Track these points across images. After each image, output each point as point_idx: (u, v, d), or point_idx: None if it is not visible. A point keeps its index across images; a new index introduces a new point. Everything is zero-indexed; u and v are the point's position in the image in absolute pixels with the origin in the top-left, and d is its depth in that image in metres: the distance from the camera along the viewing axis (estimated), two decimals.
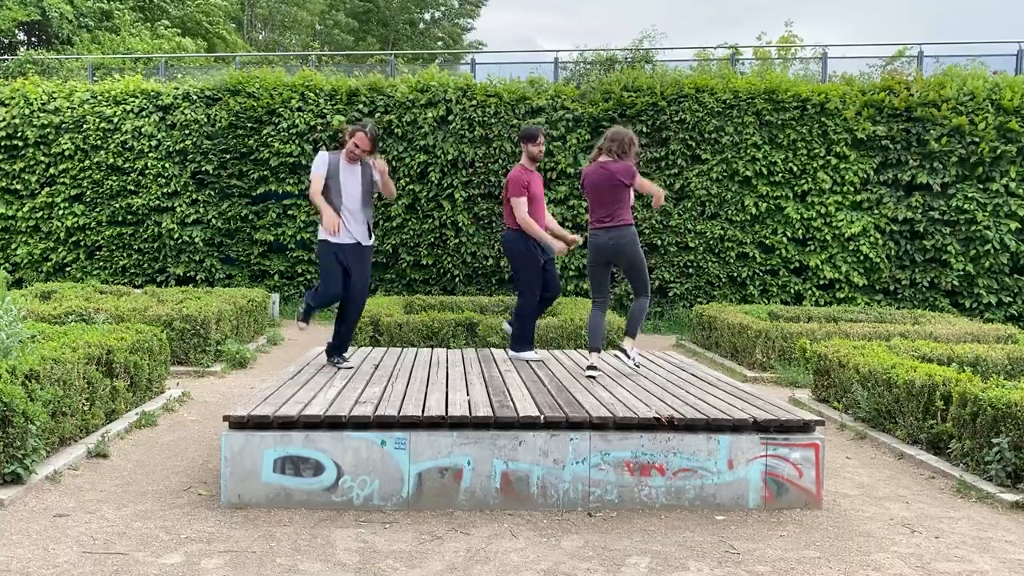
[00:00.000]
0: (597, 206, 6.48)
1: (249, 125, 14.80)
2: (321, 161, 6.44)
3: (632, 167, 6.46)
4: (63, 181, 15.09)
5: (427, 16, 39.50)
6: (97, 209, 15.08)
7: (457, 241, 14.59)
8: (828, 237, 14.08)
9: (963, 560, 4.29)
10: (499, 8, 58.81)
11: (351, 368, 6.51)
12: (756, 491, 4.98)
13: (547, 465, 4.89)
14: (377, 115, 14.67)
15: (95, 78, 16.93)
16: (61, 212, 15.04)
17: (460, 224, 14.57)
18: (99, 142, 15.00)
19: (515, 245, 6.91)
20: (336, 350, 6.71)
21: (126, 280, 15.05)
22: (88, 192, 15.06)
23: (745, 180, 14.23)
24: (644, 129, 14.22)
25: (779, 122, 14.12)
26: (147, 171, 14.95)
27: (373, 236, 6.76)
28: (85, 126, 15.03)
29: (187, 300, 10.67)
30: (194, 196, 14.94)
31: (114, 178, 15.02)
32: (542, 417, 4.90)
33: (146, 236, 15.02)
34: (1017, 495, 5.17)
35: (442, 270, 14.73)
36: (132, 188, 15.02)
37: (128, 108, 15.03)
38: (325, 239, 6.45)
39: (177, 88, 15.19)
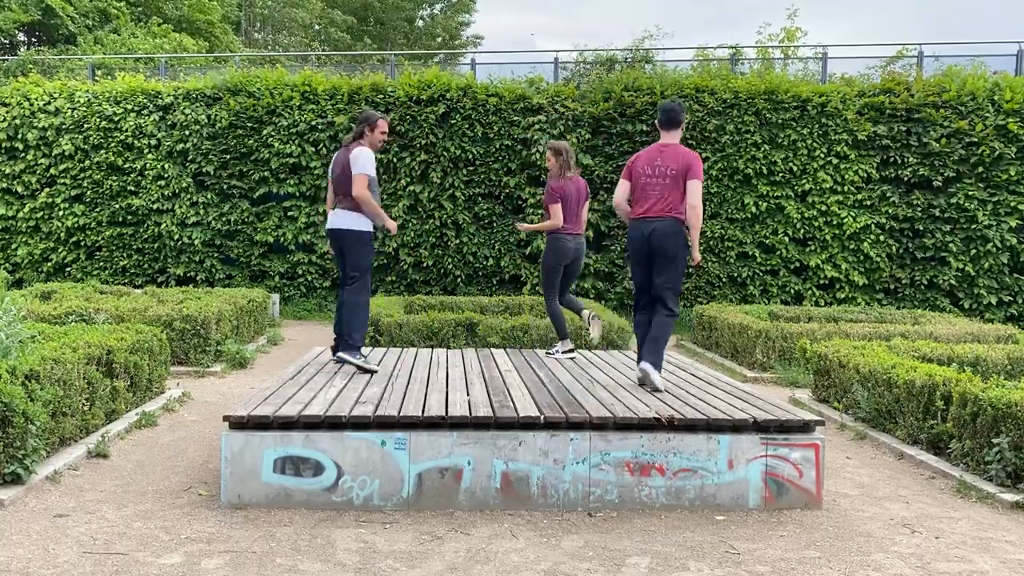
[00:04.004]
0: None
1: (249, 125, 14.80)
2: (371, 161, 6.41)
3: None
4: (63, 181, 15.09)
5: (424, 13, 39.45)
6: (97, 209, 15.09)
7: (458, 241, 14.59)
8: (828, 237, 14.08)
9: (963, 560, 4.29)
10: (497, 8, 58.74)
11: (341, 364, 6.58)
12: (756, 491, 4.98)
13: (547, 465, 4.89)
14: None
15: (96, 78, 16.93)
16: (61, 212, 15.05)
17: (461, 224, 14.57)
18: (99, 142, 15.00)
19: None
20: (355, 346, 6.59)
21: (126, 280, 15.05)
22: (88, 192, 15.07)
23: (745, 179, 14.23)
24: (644, 128, 14.23)
25: (779, 122, 14.12)
26: (147, 171, 14.96)
27: None
28: (86, 126, 15.03)
29: (187, 300, 10.67)
30: (194, 197, 14.94)
31: (114, 178, 15.02)
32: (542, 417, 4.90)
33: (146, 236, 15.03)
34: (1017, 495, 5.17)
35: (443, 270, 14.73)
36: (132, 189, 15.02)
37: (128, 108, 15.03)
38: (369, 231, 6.51)
39: (177, 88, 15.19)
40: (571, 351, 7.51)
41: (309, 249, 14.87)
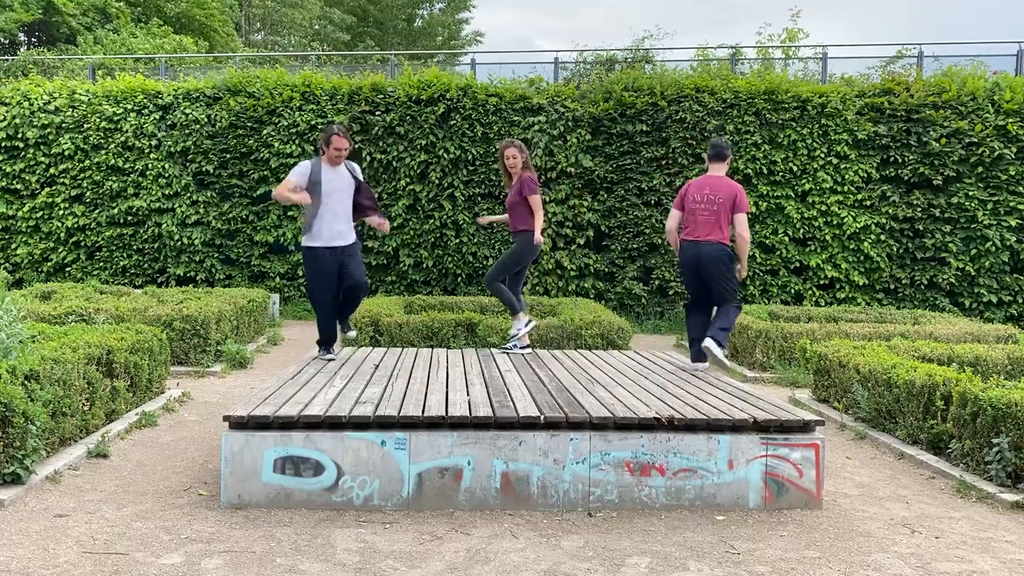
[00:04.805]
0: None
1: (249, 125, 14.80)
2: (302, 171, 6.71)
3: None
4: (63, 181, 15.09)
5: (423, 12, 39.40)
6: (97, 210, 15.09)
7: (458, 241, 14.59)
8: (828, 237, 14.08)
9: (963, 560, 4.29)
10: (496, 7, 58.76)
11: (333, 359, 6.98)
12: (756, 491, 4.98)
13: (547, 465, 4.89)
14: (378, 114, 14.68)
15: (96, 78, 16.92)
16: (61, 212, 15.05)
17: (461, 224, 14.56)
18: (100, 142, 15.00)
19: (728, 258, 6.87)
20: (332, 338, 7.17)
21: (126, 280, 15.05)
22: (88, 192, 15.07)
23: (745, 179, 14.22)
24: (644, 128, 14.23)
25: (779, 122, 14.11)
26: (147, 171, 14.96)
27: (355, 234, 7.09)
28: (86, 126, 15.03)
29: (187, 300, 10.67)
30: (194, 197, 14.94)
31: (114, 178, 15.03)
32: (542, 417, 4.90)
33: (146, 237, 15.03)
34: (1017, 495, 5.17)
35: (443, 270, 14.73)
36: (132, 189, 15.02)
37: (129, 108, 15.03)
38: (312, 245, 6.77)
39: (178, 88, 15.19)
40: (531, 322, 7.78)
41: None
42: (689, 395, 5.68)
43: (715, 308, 6.96)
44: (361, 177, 7.00)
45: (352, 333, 7.25)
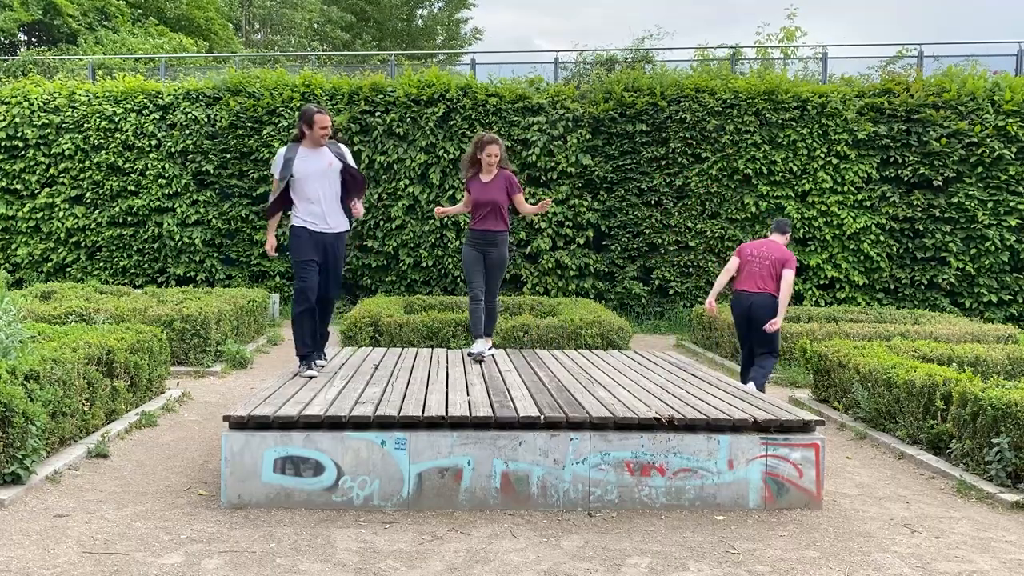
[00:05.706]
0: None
1: (249, 125, 14.81)
2: (277, 161, 6.19)
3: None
4: (63, 181, 15.10)
5: (423, 12, 39.34)
6: (97, 210, 15.09)
7: (458, 242, 14.59)
8: (828, 237, 14.08)
9: (963, 560, 4.29)
10: (496, 6, 58.71)
11: (324, 365, 6.47)
12: (756, 491, 4.98)
13: (547, 465, 4.89)
14: (378, 114, 14.67)
15: (96, 78, 16.93)
16: (61, 212, 15.05)
17: (461, 225, 14.56)
18: (100, 142, 15.01)
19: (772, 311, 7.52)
20: (314, 351, 6.34)
21: (126, 281, 15.05)
22: (88, 192, 15.07)
23: (745, 179, 14.22)
24: (644, 128, 14.23)
25: (779, 122, 14.11)
26: (147, 171, 14.96)
27: (350, 222, 6.43)
28: (86, 126, 15.03)
29: (187, 300, 10.67)
30: (195, 197, 14.95)
31: (114, 179, 15.03)
32: (542, 417, 4.90)
33: (146, 237, 15.03)
34: (1017, 495, 5.17)
35: (443, 271, 14.73)
36: (132, 189, 15.03)
37: (129, 108, 15.04)
38: (293, 224, 6.19)
39: (177, 88, 15.20)
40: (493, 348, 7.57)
41: None
42: (689, 395, 5.68)
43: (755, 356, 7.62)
44: (351, 162, 6.31)
45: (322, 363, 6.47)
